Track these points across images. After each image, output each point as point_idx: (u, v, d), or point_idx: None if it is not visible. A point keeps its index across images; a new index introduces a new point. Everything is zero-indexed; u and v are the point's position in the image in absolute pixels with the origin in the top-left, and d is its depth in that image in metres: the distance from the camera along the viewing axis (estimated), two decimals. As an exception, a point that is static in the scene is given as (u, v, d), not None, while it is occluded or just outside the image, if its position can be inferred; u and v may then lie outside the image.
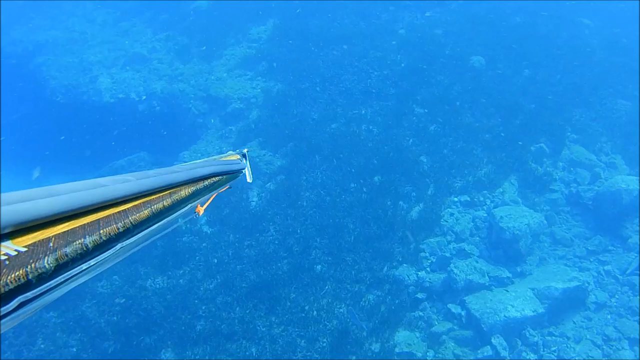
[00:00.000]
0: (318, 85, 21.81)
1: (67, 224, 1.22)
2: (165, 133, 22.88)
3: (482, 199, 17.41)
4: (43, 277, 1.06)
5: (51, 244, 1.12)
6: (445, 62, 22.99)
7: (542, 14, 26.33)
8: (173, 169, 1.95)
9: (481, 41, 24.31)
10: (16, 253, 1.03)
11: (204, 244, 16.31)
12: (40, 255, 1.07)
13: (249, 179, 3.11)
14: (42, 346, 14.28)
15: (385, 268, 15.42)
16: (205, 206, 2.49)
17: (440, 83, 21.78)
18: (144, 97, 23.00)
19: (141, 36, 27.50)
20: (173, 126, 22.80)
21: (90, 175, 23.03)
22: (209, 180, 2.23)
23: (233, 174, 2.70)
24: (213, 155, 3.13)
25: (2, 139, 24.71)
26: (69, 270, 1.16)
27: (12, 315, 1.01)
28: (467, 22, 25.75)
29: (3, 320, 1.00)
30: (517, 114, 20.48)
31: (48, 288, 1.10)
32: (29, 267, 1.03)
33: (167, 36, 26.92)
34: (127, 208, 1.45)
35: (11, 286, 0.97)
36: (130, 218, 1.40)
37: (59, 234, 1.17)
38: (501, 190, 17.71)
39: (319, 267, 15.46)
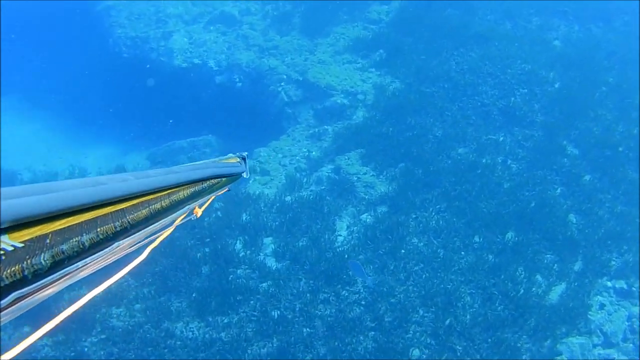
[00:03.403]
0: (447, 92, 17.91)
1: (64, 220, 1.23)
2: (243, 117, 19.93)
3: (644, 289, 14.31)
4: (39, 273, 1.08)
5: (48, 241, 1.15)
6: (607, 92, 19.34)
7: None
8: (173, 169, 1.94)
9: (654, 72, 20.27)
10: (13, 249, 1.03)
11: (264, 285, 12.88)
12: (37, 252, 1.10)
13: (245, 175, 3.02)
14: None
15: (506, 371, 12.14)
16: (203, 208, 2.33)
17: (602, 119, 18.14)
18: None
19: (235, -8, 24.05)
20: (254, 111, 19.83)
21: (142, 153, 20.59)
22: (208, 182, 2.19)
23: (232, 177, 2.65)
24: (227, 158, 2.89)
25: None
26: (65, 268, 1.19)
27: (8, 310, 1.06)
28: (636, 45, 21.42)
29: None
30: (697, 175, 17.07)
31: (44, 284, 1.13)
32: (25, 263, 1.05)
33: (266, -3, 23.47)
34: (125, 207, 1.47)
35: (7, 281, 1.00)
36: (128, 217, 1.43)
37: (56, 230, 1.19)
38: (670, 280, 14.53)
39: (416, 352, 11.88)
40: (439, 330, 12.14)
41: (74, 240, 1.20)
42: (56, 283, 1.20)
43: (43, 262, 1.09)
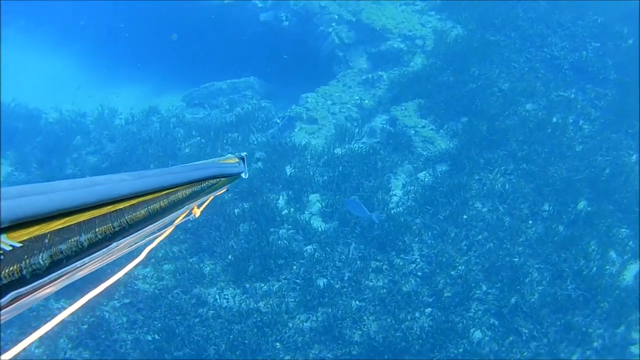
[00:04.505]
0: (513, 42, 16.22)
1: (63, 220, 1.19)
2: (288, 58, 18.17)
3: None
4: (37, 273, 1.07)
5: (46, 241, 1.12)
6: (684, 50, 17.26)
7: None
8: (171, 169, 1.89)
9: None
10: (11, 248, 1.00)
11: (309, 248, 11.57)
12: (35, 252, 1.07)
13: (244, 176, 2.97)
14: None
15: (575, 360, 10.86)
16: (202, 208, 2.34)
17: (679, 79, 16.12)
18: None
19: None
20: (302, 52, 18.05)
21: (178, 94, 19.07)
22: (206, 182, 2.15)
23: (231, 177, 2.65)
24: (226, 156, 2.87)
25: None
26: (64, 267, 1.17)
27: (6, 309, 1.04)
28: None
29: None
30: None
31: (42, 284, 1.11)
32: (23, 262, 1.03)
33: None
34: (124, 207, 1.44)
35: (5, 281, 0.98)
36: (126, 217, 1.41)
37: (55, 230, 1.15)
38: None
39: (477, 333, 10.64)
40: (504, 309, 10.87)
41: (73, 240, 1.18)
42: (54, 282, 1.17)
43: (41, 261, 1.07)
